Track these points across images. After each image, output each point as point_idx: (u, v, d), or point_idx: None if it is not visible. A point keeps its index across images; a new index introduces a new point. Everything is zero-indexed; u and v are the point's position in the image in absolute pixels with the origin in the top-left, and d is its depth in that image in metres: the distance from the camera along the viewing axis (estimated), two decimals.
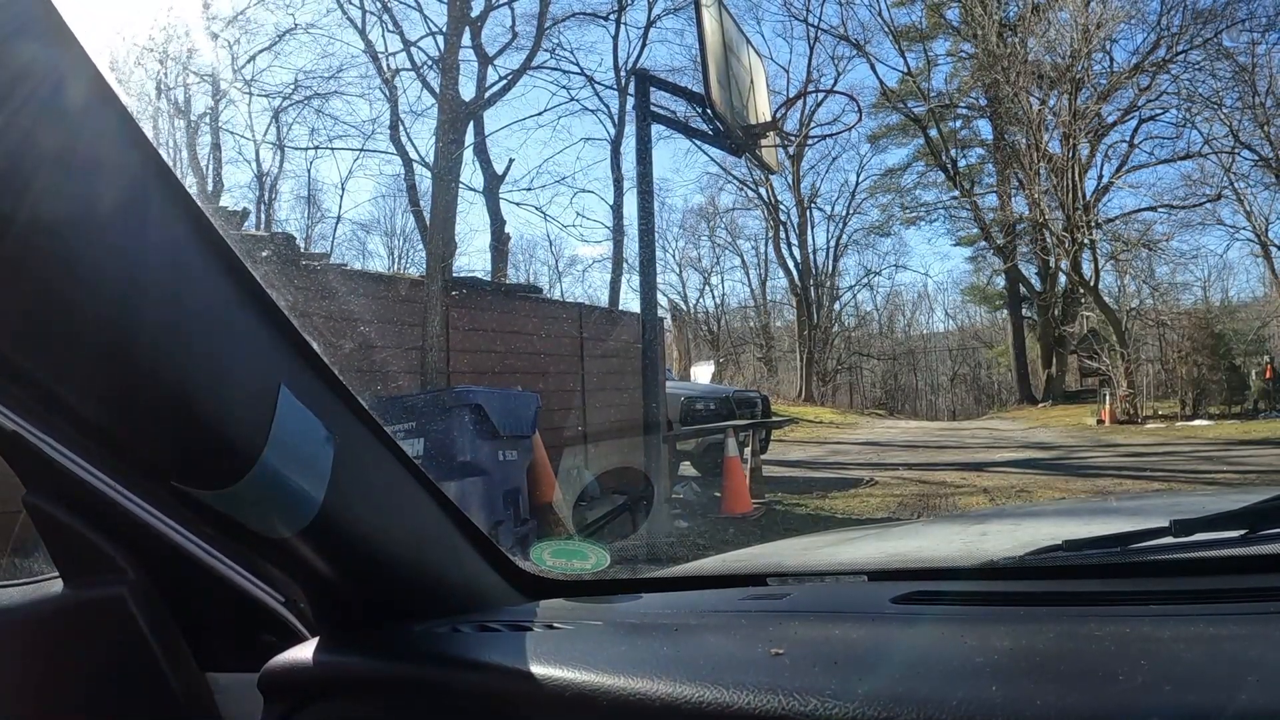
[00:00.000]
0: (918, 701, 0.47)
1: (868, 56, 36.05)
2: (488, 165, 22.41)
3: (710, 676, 0.55)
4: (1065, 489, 9.35)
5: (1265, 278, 29.45)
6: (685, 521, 7.94)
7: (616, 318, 12.95)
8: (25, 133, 0.46)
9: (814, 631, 0.70)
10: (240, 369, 0.61)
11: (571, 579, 0.95)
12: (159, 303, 0.54)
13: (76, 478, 0.67)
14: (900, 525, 2.83)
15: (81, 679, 0.73)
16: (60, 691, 0.73)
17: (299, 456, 0.63)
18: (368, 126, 24.59)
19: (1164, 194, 29.90)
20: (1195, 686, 0.46)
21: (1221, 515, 0.83)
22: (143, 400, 0.55)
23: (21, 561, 1.13)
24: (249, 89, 21.95)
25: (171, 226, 0.56)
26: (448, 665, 0.69)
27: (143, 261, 0.53)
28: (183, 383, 0.56)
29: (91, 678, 0.73)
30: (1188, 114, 28.30)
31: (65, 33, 0.48)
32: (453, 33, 14.31)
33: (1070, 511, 1.92)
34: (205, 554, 0.72)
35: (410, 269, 27.91)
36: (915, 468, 12.53)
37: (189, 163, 20.65)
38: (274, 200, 29.84)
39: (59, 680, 0.73)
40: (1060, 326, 33.05)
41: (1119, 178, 30.08)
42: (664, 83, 9.26)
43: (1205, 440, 15.52)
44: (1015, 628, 0.64)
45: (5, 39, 0.46)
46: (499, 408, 6.51)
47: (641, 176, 7.83)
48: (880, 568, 1.02)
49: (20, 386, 0.56)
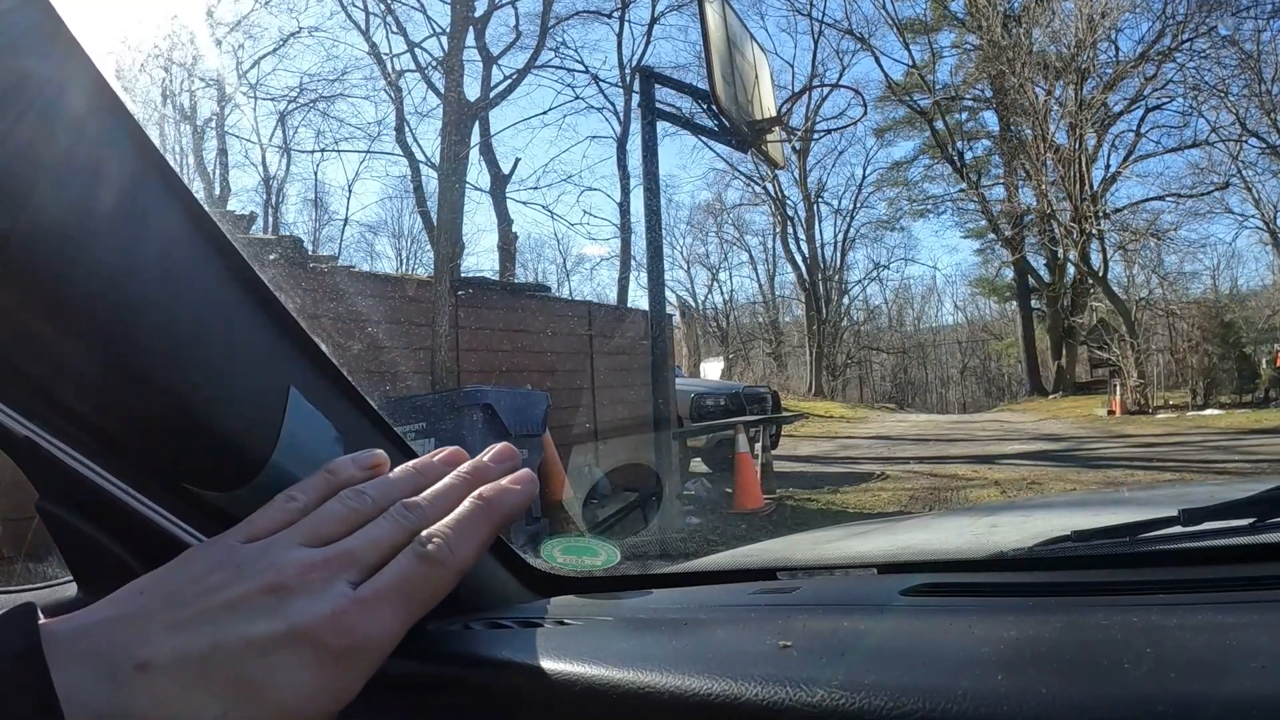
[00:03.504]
0: (924, 692, 0.48)
1: (872, 50, 36.10)
2: (494, 165, 22.51)
3: (718, 669, 0.55)
4: (1076, 481, 9.33)
5: (1274, 265, 29.40)
6: (696, 518, 7.95)
7: (625, 315, 12.97)
8: (30, 139, 0.47)
9: (823, 624, 0.70)
10: (249, 372, 0.62)
11: (582, 576, 0.96)
12: (168, 308, 0.55)
13: (89, 483, 0.68)
14: (910, 519, 2.83)
15: None
16: None
17: (309, 458, 0.63)
18: (373, 128, 24.71)
19: (1171, 183, 29.90)
20: (1200, 674, 0.46)
21: (1230, 504, 0.83)
22: (153, 405, 0.56)
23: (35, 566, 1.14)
24: (254, 93, 22.05)
25: (178, 232, 0.56)
26: (459, 663, 0.69)
27: (149, 267, 0.53)
28: (193, 387, 0.56)
29: None
30: (1194, 102, 28.26)
31: (69, 39, 0.49)
32: (457, 33, 14.34)
33: (1080, 503, 1.92)
34: None
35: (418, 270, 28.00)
36: (926, 461, 12.51)
37: (195, 167, 20.74)
38: (281, 203, 30.00)
39: None
40: (1069, 317, 32.98)
41: (1126, 167, 30.07)
42: (669, 79, 9.27)
43: (1216, 430, 15.47)
44: (1023, 618, 0.64)
45: (8, 45, 0.46)
46: (509, 407, 6.54)
47: (648, 173, 7.83)
48: (890, 560, 1.02)
49: (32, 394, 0.56)
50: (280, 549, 0.50)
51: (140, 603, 0.46)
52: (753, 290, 50.50)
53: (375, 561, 0.51)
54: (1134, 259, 28.67)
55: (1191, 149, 29.24)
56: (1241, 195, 28.47)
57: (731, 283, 54.10)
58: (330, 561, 0.49)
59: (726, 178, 43.00)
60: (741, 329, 48.49)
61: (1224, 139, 27.25)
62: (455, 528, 0.54)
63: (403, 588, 0.50)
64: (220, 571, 0.48)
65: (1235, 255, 46.27)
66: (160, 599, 0.46)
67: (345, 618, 0.47)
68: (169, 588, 0.47)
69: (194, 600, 0.46)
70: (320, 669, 0.46)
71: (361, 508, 0.54)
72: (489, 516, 0.56)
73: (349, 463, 0.59)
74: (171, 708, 0.42)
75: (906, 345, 49.96)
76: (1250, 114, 26.30)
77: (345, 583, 0.49)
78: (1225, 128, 27.17)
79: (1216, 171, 28.18)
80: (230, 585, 0.47)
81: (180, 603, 0.46)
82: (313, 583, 0.48)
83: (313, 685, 0.46)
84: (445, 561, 0.52)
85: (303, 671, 0.46)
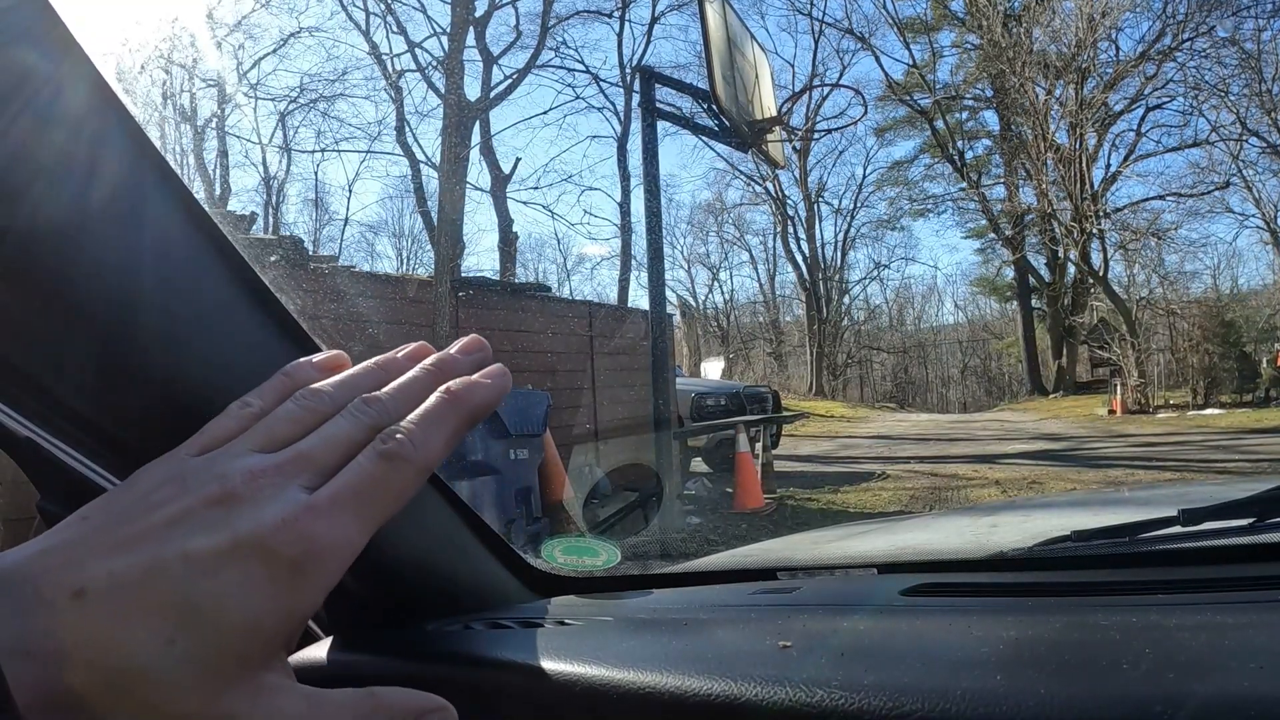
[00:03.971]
0: (923, 692, 0.48)
1: (872, 50, 36.10)
2: (494, 165, 22.51)
3: (718, 669, 0.55)
4: (1076, 480, 9.33)
5: (1275, 264, 29.40)
6: (697, 517, 7.95)
7: (625, 315, 12.96)
8: (27, 138, 0.47)
9: (822, 624, 0.71)
10: (249, 372, 0.61)
11: (583, 576, 0.96)
12: (167, 308, 0.55)
13: (89, 483, 0.68)
14: (910, 519, 2.83)
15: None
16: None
17: None
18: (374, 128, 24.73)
19: (1172, 182, 29.89)
20: (1199, 674, 0.46)
21: (1230, 504, 0.83)
22: (153, 404, 0.56)
23: None
24: (255, 93, 22.05)
25: (177, 231, 0.56)
26: (460, 663, 0.69)
27: (149, 267, 0.53)
28: (192, 386, 0.56)
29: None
30: (1194, 102, 28.25)
31: (68, 38, 0.49)
32: (457, 33, 14.34)
33: (1080, 503, 1.92)
34: None
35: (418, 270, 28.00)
36: (926, 461, 12.51)
37: (196, 167, 20.74)
38: (281, 203, 30.02)
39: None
40: (1070, 317, 32.98)
41: (1126, 167, 30.05)
42: (669, 79, 9.27)
43: (1217, 429, 15.47)
44: (1022, 618, 0.64)
45: (7, 44, 0.46)
46: (509, 407, 6.53)
47: (648, 173, 7.82)
48: (890, 560, 1.02)
49: (32, 393, 0.56)
50: (229, 457, 0.46)
51: (81, 528, 0.43)
52: (753, 290, 50.57)
53: (334, 463, 0.46)
54: (1134, 258, 28.70)
55: (1192, 148, 29.26)
56: (1242, 194, 28.50)
57: (732, 282, 54.22)
58: (283, 466, 0.45)
59: (727, 177, 43.05)
60: (742, 329, 48.51)
61: (1224, 138, 27.27)
62: (420, 423, 0.49)
63: (362, 489, 0.45)
64: (166, 487, 0.44)
65: (1236, 254, 46.27)
66: (101, 522, 0.43)
67: (297, 524, 0.43)
68: (112, 510, 0.44)
69: (136, 519, 0.43)
70: (272, 583, 0.42)
71: (319, 406, 0.50)
72: (456, 410, 0.51)
73: (307, 364, 0.55)
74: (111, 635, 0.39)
75: (907, 345, 49.98)
76: (1250, 113, 26.32)
77: (299, 488, 0.45)
78: (1226, 127, 27.20)
79: (1217, 171, 28.20)
80: (174, 500, 0.43)
81: (121, 523, 0.43)
82: (262, 489, 0.44)
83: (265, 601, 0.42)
84: (409, 458, 0.47)
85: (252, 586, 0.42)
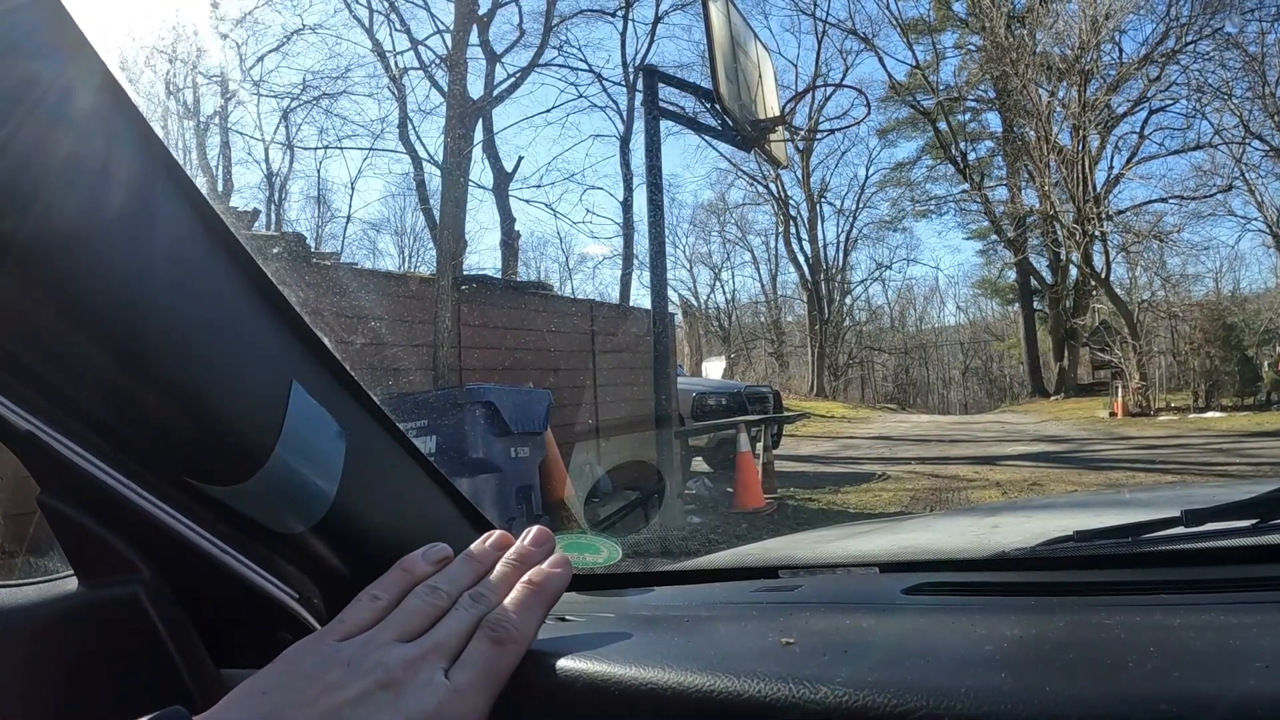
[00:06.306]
0: (927, 690, 0.48)
1: (875, 50, 36.03)
2: (497, 163, 22.49)
3: (720, 666, 0.55)
4: (1078, 482, 9.32)
5: (1277, 268, 29.41)
6: (698, 517, 7.95)
7: (627, 314, 12.97)
8: (36, 136, 0.47)
9: (825, 622, 0.70)
10: (252, 366, 0.61)
11: (584, 573, 0.96)
12: (172, 303, 0.55)
13: (90, 477, 0.68)
14: (912, 519, 2.83)
15: (96, 676, 0.74)
16: (75, 689, 0.73)
17: (311, 452, 0.63)
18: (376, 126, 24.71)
19: (1174, 185, 29.81)
20: (1204, 673, 0.46)
21: (1233, 505, 0.83)
22: (156, 399, 0.56)
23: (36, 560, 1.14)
24: (258, 90, 22.05)
25: (183, 227, 0.56)
26: None
27: (154, 261, 0.53)
28: (196, 381, 0.56)
29: (106, 675, 0.74)
30: (1198, 104, 28.22)
31: (78, 37, 0.49)
32: (460, 31, 14.33)
33: (1082, 503, 1.91)
34: (219, 551, 0.72)
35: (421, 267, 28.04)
36: (927, 462, 12.50)
37: (199, 163, 20.74)
38: (284, 200, 30.01)
39: (74, 678, 0.74)
40: (1071, 319, 32.95)
41: (1129, 169, 30.00)
42: (672, 78, 9.26)
43: (1218, 432, 15.45)
44: (1025, 617, 0.64)
45: (17, 43, 0.46)
46: (511, 405, 6.53)
47: (651, 172, 7.82)
48: (892, 559, 1.02)
49: (34, 388, 0.56)
50: (381, 646, 0.58)
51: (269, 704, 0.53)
52: (755, 290, 50.53)
53: (458, 648, 0.59)
54: (1137, 261, 28.68)
55: (1195, 151, 29.21)
56: (1244, 198, 28.43)
57: (734, 282, 54.25)
58: (427, 655, 0.58)
59: (729, 177, 43.01)
60: (743, 328, 48.47)
61: (1227, 141, 27.21)
62: (518, 611, 0.63)
63: (488, 672, 0.58)
64: (333, 669, 0.55)
65: (1238, 258, 46.30)
66: (286, 699, 0.53)
67: (448, 708, 0.55)
68: (290, 687, 0.54)
69: (318, 698, 0.53)
70: None
71: (439, 603, 0.63)
72: (541, 598, 0.65)
73: (419, 559, 0.67)
74: None
75: (908, 346, 49.93)
76: (1254, 116, 26.27)
77: (440, 670, 0.57)
78: (1229, 130, 27.14)
79: (1220, 174, 28.14)
80: (347, 683, 0.54)
81: (306, 701, 0.53)
82: (418, 674, 0.56)
83: None
84: (516, 640, 0.61)
85: None
